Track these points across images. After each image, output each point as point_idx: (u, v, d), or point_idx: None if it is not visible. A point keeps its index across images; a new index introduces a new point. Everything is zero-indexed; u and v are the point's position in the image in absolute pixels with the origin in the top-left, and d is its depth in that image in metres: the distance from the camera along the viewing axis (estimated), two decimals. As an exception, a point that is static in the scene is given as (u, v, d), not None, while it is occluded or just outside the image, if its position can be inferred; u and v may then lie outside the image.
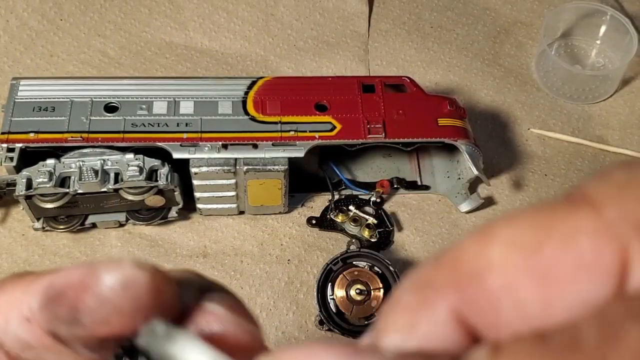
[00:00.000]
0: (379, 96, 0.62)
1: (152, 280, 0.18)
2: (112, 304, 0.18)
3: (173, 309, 0.19)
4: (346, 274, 0.57)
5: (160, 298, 0.19)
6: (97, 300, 0.18)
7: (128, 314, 0.18)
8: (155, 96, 0.60)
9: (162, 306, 0.19)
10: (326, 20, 0.77)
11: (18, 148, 0.56)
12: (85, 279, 0.19)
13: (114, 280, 0.18)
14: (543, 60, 0.74)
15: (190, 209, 0.62)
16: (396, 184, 0.65)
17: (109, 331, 0.19)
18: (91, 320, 0.18)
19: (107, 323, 0.18)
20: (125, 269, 0.18)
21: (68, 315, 0.19)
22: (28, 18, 0.73)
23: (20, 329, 0.20)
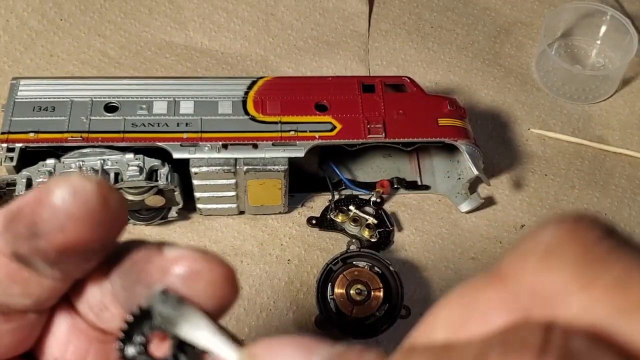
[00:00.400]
0: (379, 96, 0.62)
1: (98, 187, 0.20)
2: (65, 212, 0.20)
3: (120, 219, 0.21)
4: (346, 274, 0.57)
5: (108, 204, 0.21)
6: (51, 211, 0.20)
7: (80, 219, 0.20)
8: (155, 96, 0.60)
9: (110, 213, 0.21)
10: (326, 20, 0.77)
11: (18, 148, 0.56)
12: (39, 196, 0.20)
13: (64, 191, 0.20)
14: (543, 60, 0.74)
15: (190, 209, 0.62)
16: (396, 184, 0.65)
17: (65, 239, 0.20)
18: (48, 229, 0.20)
19: (63, 230, 0.20)
20: (72, 180, 0.20)
21: (27, 230, 0.20)
22: (28, 18, 0.73)
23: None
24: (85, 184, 0.20)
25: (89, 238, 0.21)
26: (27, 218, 0.20)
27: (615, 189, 0.67)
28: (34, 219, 0.20)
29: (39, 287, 0.22)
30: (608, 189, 0.67)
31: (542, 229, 0.17)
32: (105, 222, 0.21)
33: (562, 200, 0.66)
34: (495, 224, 0.64)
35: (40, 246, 0.20)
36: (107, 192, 0.21)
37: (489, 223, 0.64)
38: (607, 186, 0.67)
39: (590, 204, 0.66)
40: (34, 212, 0.20)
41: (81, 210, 0.20)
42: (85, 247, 0.21)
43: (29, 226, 0.20)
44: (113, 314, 0.23)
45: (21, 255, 0.21)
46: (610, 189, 0.67)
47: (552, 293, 0.16)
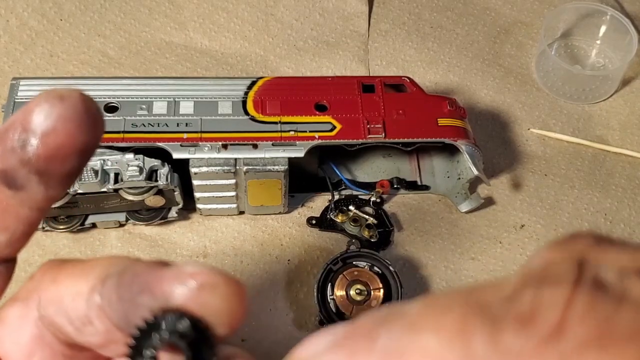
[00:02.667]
0: (378, 96, 0.62)
1: (81, 94, 0.22)
2: (55, 114, 0.22)
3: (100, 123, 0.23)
4: (346, 274, 0.57)
5: (91, 108, 0.22)
6: (41, 116, 0.22)
7: (69, 120, 0.22)
8: (155, 96, 0.60)
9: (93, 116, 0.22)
10: (326, 20, 0.77)
11: (18, 148, 0.56)
12: (28, 107, 0.22)
13: (53, 97, 0.22)
14: (543, 61, 0.74)
15: (190, 209, 0.62)
16: (396, 184, 0.65)
17: (57, 140, 0.22)
18: (41, 133, 0.22)
19: (54, 132, 0.22)
20: (58, 90, 0.22)
21: (18, 140, 0.22)
22: (28, 18, 0.73)
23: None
24: (70, 91, 0.22)
25: (76, 139, 0.22)
26: (18, 130, 0.22)
27: (615, 189, 0.67)
28: (25, 127, 0.22)
29: (16, 218, 0.23)
30: (608, 189, 0.67)
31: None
32: (89, 124, 0.22)
33: (562, 200, 0.66)
34: (495, 224, 0.64)
35: (31, 153, 0.22)
36: (89, 99, 0.23)
37: (489, 223, 0.64)
38: (607, 186, 0.67)
39: (590, 204, 0.66)
40: (24, 121, 0.22)
41: (69, 112, 0.22)
42: (72, 149, 0.22)
43: (20, 135, 0.22)
44: (97, 330, 0.23)
45: (9, 172, 0.22)
46: (610, 189, 0.67)
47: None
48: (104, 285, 0.22)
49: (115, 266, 0.23)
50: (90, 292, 0.23)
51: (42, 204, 0.24)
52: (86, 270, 0.24)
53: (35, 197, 0.23)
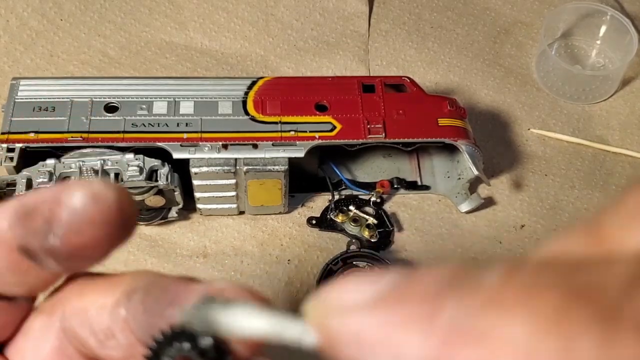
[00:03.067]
0: (379, 96, 0.62)
1: (118, 195, 0.21)
2: (85, 215, 0.21)
3: (133, 224, 0.22)
4: (346, 274, 0.57)
5: (125, 212, 0.21)
6: (70, 212, 0.21)
7: (98, 224, 0.21)
8: (155, 96, 0.60)
9: (125, 219, 0.21)
10: (326, 20, 0.77)
11: (18, 148, 0.56)
12: (58, 196, 0.21)
13: (86, 195, 0.21)
14: (543, 61, 0.74)
15: (190, 209, 0.62)
16: (396, 184, 0.65)
17: (81, 241, 0.21)
18: (65, 229, 0.21)
19: (80, 232, 0.21)
20: (94, 185, 0.21)
21: (42, 227, 0.21)
22: (28, 18, 0.73)
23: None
24: (107, 190, 0.21)
25: (104, 242, 0.21)
26: (44, 216, 0.21)
27: (615, 189, 0.67)
28: (51, 217, 0.21)
29: (36, 278, 0.23)
30: (608, 189, 0.67)
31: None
32: (120, 227, 0.21)
33: (562, 200, 0.66)
34: (495, 224, 0.64)
35: (52, 244, 0.21)
36: (125, 200, 0.21)
37: (489, 223, 0.64)
38: (607, 186, 0.67)
39: (590, 204, 0.66)
40: (51, 211, 0.21)
41: (100, 216, 0.21)
42: (98, 249, 0.21)
43: (44, 224, 0.21)
44: (119, 343, 0.23)
45: (30, 250, 0.22)
46: (610, 189, 0.67)
47: None
48: (130, 299, 0.22)
49: (141, 280, 0.23)
50: (116, 305, 0.22)
51: (61, 275, 0.24)
52: (112, 283, 0.24)
53: (56, 270, 0.23)
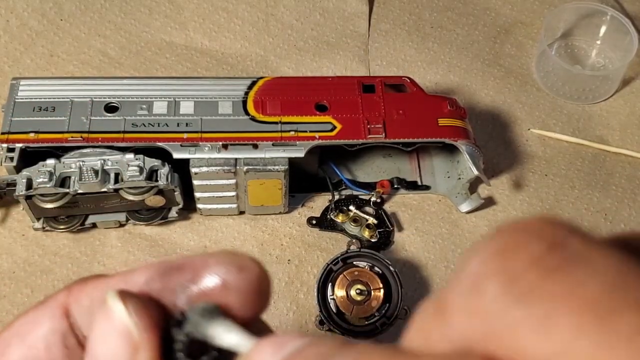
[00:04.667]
0: (379, 96, 0.62)
1: (261, 270, 0.22)
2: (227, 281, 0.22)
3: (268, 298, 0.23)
4: (346, 274, 0.57)
5: (264, 285, 0.23)
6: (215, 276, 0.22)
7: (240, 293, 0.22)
8: (155, 96, 0.60)
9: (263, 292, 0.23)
10: (326, 20, 0.77)
11: (18, 148, 0.56)
12: (206, 260, 0.22)
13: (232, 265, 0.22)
14: (543, 61, 0.74)
15: (191, 209, 0.62)
16: (396, 184, 0.65)
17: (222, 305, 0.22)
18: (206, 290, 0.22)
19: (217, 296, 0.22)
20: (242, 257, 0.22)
21: (182, 286, 0.22)
22: (28, 18, 0.73)
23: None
24: (253, 263, 0.22)
25: (236, 313, 0.22)
26: (190, 273, 0.22)
27: (615, 189, 0.67)
28: (195, 277, 0.22)
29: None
30: (608, 189, 0.67)
31: (473, 254, 0.16)
32: (255, 302, 0.22)
33: (562, 200, 0.66)
34: (495, 224, 0.64)
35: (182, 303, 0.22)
36: (266, 276, 0.23)
37: (489, 223, 0.64)
38: (607, 186, 0.67)
39: (590, 204, 0.66)
40: (197, 271, 0.22)
41: (243, 285, 0.22)
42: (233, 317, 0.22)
43: (187, 282, 0.22)
44: None
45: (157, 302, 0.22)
46: (610, 189, 0.67)
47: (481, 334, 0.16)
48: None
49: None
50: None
51: None
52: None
53: None
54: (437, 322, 0.17)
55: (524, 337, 0.15)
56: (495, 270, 0.16)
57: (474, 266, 0.16)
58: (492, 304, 0.15)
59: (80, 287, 0.24)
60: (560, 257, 0.15)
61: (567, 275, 0.15)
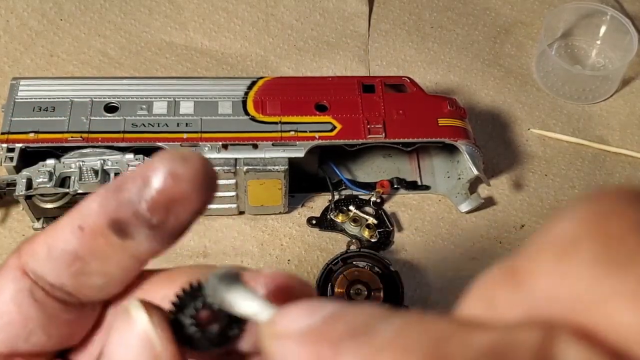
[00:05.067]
0: (379, 96, 0.62)
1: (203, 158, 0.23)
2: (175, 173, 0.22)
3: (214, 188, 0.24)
4: (346, 274, 0.57)
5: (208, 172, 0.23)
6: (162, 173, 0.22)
7: (188, 181, 0.23)
8: (155, 96, 0.60)
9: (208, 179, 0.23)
10: (326, 20, 0.77)
11: (18, 148, 0.56)
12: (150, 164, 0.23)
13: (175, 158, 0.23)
14: (543, 61, 0.74)
15: (190, 209, 0.61)
16: (396, 184, 0.65)
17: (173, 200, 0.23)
18: (159, 189, 0.22)
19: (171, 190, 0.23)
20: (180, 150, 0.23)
21: (135, 195, 0.23)
22: (28, 18, 0.73)
23: (70, 240, 0.24)
24: (193, 154, 0.23)
25: (191, 200, 0.23)
26: (139, 181, 0.23)
27: (615, 189, 0.67)
28: (145, 181, 0.23)
29: (116, 265, 0.24)
30: (608, 189, 0.67)
31: (563, 217, 0.15)
32: (204, 187, 0.23)
33: (562, 200, 0.66)
34: (495, 224, 0.64)
35: (145, 208, 0.23)
36: (209, 164, 0.23)
37: (489, 223, 0.64)
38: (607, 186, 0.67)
39: (590, 204, 0.66)
40: (145, 175, 0.23)
41: (189, 174, 0.23)
42: (185, 208, 0.23)
43: (137, 191, 0.23)
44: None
45: (121, 222, 0.23)
46: (610, 189, 0.67)
47: (570, 302, 0.14)
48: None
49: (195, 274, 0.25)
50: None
51: (144, 256, 0.25)
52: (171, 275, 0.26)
53: (140, 248, 0.24)
54: (507, 288, 0.16)
55: (617, 307, 0.13)
56: (590, 233, 0.14)
57: (565, 228, 0.15)
58: (586, 269, 0.14)
59: (28, 245, 0.25)
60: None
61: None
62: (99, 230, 0.23)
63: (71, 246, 0.24)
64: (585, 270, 0.14)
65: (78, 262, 0.24)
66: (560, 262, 0.14)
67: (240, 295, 0.21)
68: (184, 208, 0.23)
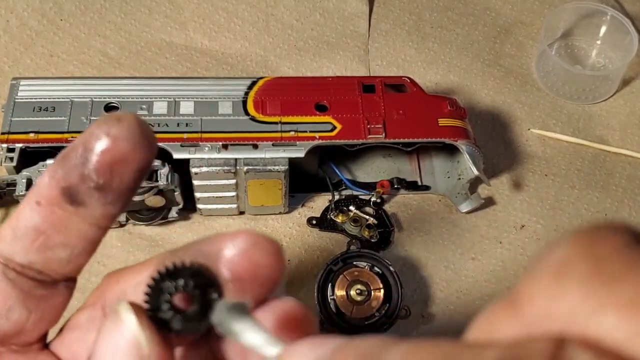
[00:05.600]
0: (379, 96, 0.62)
1: (136, 117, 0.24)
2: (115, 134, 0.24)
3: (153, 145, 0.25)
4: (346, 274, 0.57)
5: (145, 129, 0.25)
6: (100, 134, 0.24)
7: (126, 139, 0.24)
8: (155, 96, 0.60)
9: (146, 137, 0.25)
10: (326, 20, 0.77)
11: (18, 148, 0.56)
12: (88, 130, 0.24)
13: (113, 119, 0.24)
14: (543, 61, 0.74)
15: (191, 209, 0.62)
16: (396, 184, 0.65)
17: (115, 158, 0.24)
18: (99, 150, 0.24)
19: (111, 150, 0.24)
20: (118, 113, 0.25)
21: (79, 159, 0.24)
22: (28, 18, 0.73)
23: (30, 217, 0.25)
24: (127, 114, 0.24)
25: (132, 157, 0.24)
26: (80, 146, 0.24)
27: (615, 189, 0.67)
28: (86, 145, 0.24)
29: (77, 234, 0.26)
30: (608, 189, 0.67)
31: (556, 245, 0.17)
32: (143, 143, 0.24)
33: (562, 200, 0.66)
34: (495, 224, 0.64)
35: (89, 170, 0.24)
36: (143, 122, 0.25)
37: (489, 223, 0.64)
38: (607, 186, 0.67)
39: (590, 204, 0.66)
40: (85, 140, 0.24)
41: (126, 132, 0.24)
42: (128, 166, 0.24)
43: (80, 156, 0.24)
44: None
45: (72, 189, 0.24)
46: (610, 189, 0.67)
47: (565, 317, 0.16)
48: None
49: (171, 257, 0.25)
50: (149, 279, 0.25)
51: (101, 221, 0.26)
52: (144, 264, 0.27)
53: (95, 213, 0.25)
54: (508, 312, 0.17)
55: (606, 316, 0.15)
56: (582, 256, 0.16)
57: (558, 253, 0.16)
58: (577, 287, 0.15)
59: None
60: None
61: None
62: (54, 201, 0.25)
63: (32, 222, 0.25)
64: (578, 288, 0.15)
65: (41, 237, 0.25)
66: (555, 283, 0.16)
67: (248, 328, 0.22)
68: (127, 167, 0.24)
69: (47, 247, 0.25)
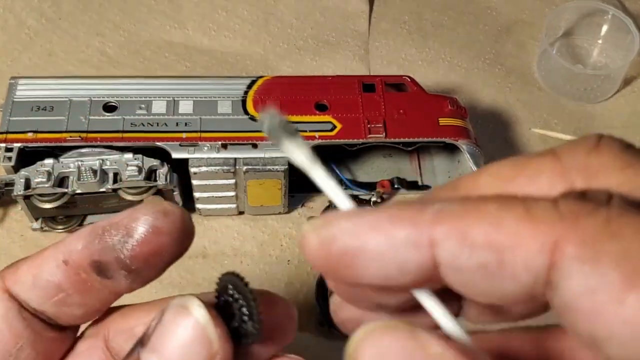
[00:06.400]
0: (379, 96, 0.61)
1: (183, 213, 0.26)
2: (156, 226, 0.25)
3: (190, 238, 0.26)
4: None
5: (187, 225, 0.26)
6: (144, 224, 0.25)
7: (168, 234, 0.25)
8: (154, 95, 0.59)
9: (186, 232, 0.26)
10: (326, 19, 0.77)
11: (16, 148, 0.56)
12: (134, 214, 0.25)
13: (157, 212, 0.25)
14: (545, 60, 0.74)
15: (190, 209, 0.61)
16: (397, 184, 0.65)
17: (152, 250, 0.25)
18: (140, 239, 0.24)
19: (152, 242, 0.25)
20: (164, 203, 0.25)
21: (119, 241, 0.25)
22: (26, 17, 0.72)
23: (54, 272, 0.26)
24: (174, 208, 0.25)
25: (168, 251, 0.25)
26: (122, 229, 0.25)
27: (617, 189, 0.67)
28: (129, 230, 0.25)
29: (96, 298, 0.27)
30: (610, 189, 0.67)
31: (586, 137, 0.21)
32: (182, 239, 0.25)
33: (564, 200, 0.66)
34: (497, 224, 0.64)
35: (126, 256, 0.25)
36: (188, 217, 0.26)
37: (490, 223, 0.64)
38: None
39: (592, 204, 0.66)
40: (129, 224, 0.25)
41: (169, 228, 0.25)
42: (163, 258, 0.25)
43: (121, 238, 0.25)
44: None
45: (102, 264, 0.25)
46: (612, 189, 0.67)
47: (597, 169, 0.20)
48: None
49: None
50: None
51: (121, 292, 0.27)
52: (153, 304, 0.28)
53: (119, 288, 0.26)
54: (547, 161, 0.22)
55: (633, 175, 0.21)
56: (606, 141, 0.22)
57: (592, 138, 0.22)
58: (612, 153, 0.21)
59: (12, 271, 0.27)
60: None
61: None
62: (82, 268, 0.25)
63: (55, 278, 0.26)
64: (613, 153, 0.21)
65: (61, 294, 0.26)
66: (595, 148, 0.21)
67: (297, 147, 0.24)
68: (162, 259, 0.25)
69: (64, 303, 0.26)
